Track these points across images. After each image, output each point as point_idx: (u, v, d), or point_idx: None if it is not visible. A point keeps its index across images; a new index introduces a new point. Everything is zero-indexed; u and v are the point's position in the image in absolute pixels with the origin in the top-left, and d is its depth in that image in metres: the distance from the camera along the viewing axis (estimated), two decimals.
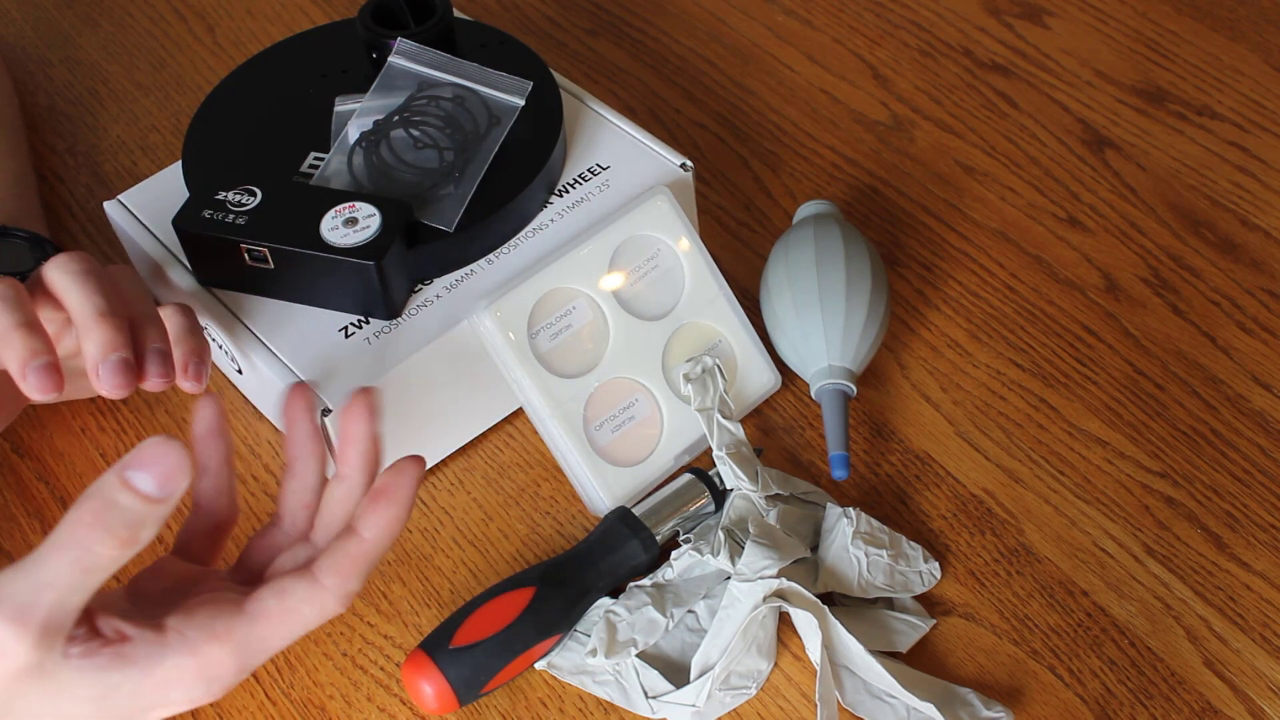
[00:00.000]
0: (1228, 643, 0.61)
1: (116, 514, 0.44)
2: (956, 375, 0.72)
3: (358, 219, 0.65)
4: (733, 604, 0.59)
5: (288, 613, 0.48)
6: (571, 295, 0.66)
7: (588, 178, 0.72)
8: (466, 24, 0.79)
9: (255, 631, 0.48)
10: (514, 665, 0.59)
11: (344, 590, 0.49)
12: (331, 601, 0.48)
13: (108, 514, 0.44)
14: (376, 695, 0.61)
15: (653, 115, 0.88)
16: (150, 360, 0.58)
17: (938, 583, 0.63)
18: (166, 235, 0.71)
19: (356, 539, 0.49)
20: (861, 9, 0.94)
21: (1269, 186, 0.80)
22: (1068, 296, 0.75)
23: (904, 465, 0.68)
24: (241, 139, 0.73)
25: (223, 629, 0.48)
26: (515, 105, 0.71)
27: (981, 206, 0.80)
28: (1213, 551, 0.64)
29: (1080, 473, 0.67)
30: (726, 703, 0.59)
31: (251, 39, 0.95)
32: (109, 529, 0.44)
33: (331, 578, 0.48)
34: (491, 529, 0.67)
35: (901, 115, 0.86)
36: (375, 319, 0.66)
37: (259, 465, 0.70)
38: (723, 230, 0.80)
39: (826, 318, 0.68)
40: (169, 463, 0.44)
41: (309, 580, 0.48)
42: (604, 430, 0.66)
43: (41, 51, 0.96)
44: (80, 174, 0.87)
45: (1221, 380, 0.71)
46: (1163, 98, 0.86)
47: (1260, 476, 0.66)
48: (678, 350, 0.68)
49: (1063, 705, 0.59)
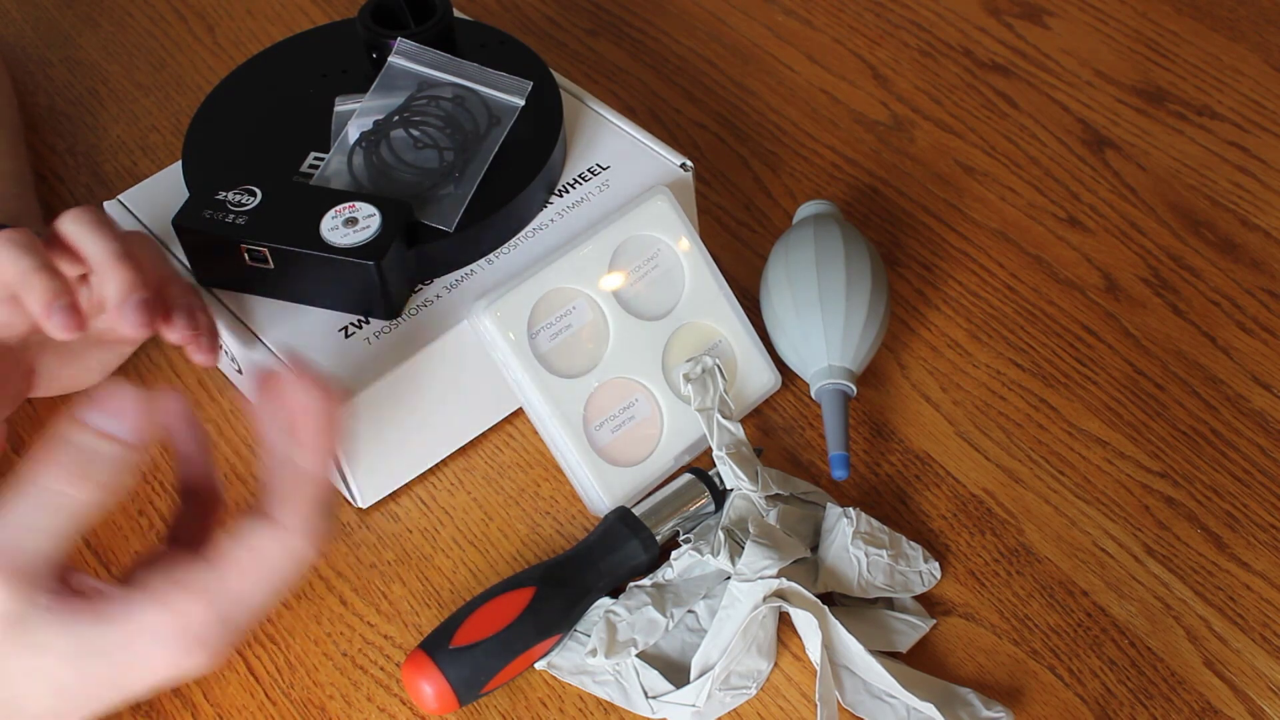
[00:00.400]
0: (1228, 643, 0.61)
1: (73, 453, 0.44)
2: (956, 375, 0.72)
3: (358, 219, 0.65)
4: (733, 604, 0.59)
5: (252, 555, 0.47)
6: (571, 295, 0.66)
7: (588, 178, 0.72)
8: (466, 24, 0.79)
9: (223, 580, 0.47)
10: (514, 665, 0.59)
11: (305, 525, 0.47)
12: (295, 538, 0.47)
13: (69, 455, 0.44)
14: (376, 695, 0.61)
15: (653, 115, 0.88)
16: (178, 312, 0.59)
17: (938, 583, 0.63)
18: (166, 235, 0.71)
19: (293, 470, 0.48)
20: (861, 9, 0.94)
21: (1269, 186, 0.80)
22: (1068, 296, 0.75)
23: (904, 465, 0.68)
24: (241, 139, 0.73)
25: (190, 580, 0.47)
26: (515, 105, 0.71)
27: (981, 206, 0.80)
28: (1213, 551, 0.64)
29: (1080, 473, 0.67)
30: (726, 703, 0.59)
31: (251, 39, 0.95)
32: (71, 470, 0.44)
33: (288, 514, 0.47)
34: (491, 529, 0.67)
35: (901, 115, 0.86)
36: (375, 319, 0.66)
37: (259, 465, 0.70)
38: (723, 230, 0.80)
39: (826, 318, 0.68)
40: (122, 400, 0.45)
41: (264, 518, 0.47)
42: (604, 430, 0.66)
43: (41, 51, 0.96)
44: (80, 174, 0.87)
45: (1221, 380, 0.71)
46: (1163, 98, 0.86)
47: (1260, 476, 0.66)
48: (678, 350, 0.68)
49: (1063, 705, 0.59)
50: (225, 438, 0.71)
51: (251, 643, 0.63)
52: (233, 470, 0.70)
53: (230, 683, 0.62)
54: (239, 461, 0.70)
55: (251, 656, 0.63)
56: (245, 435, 0.71)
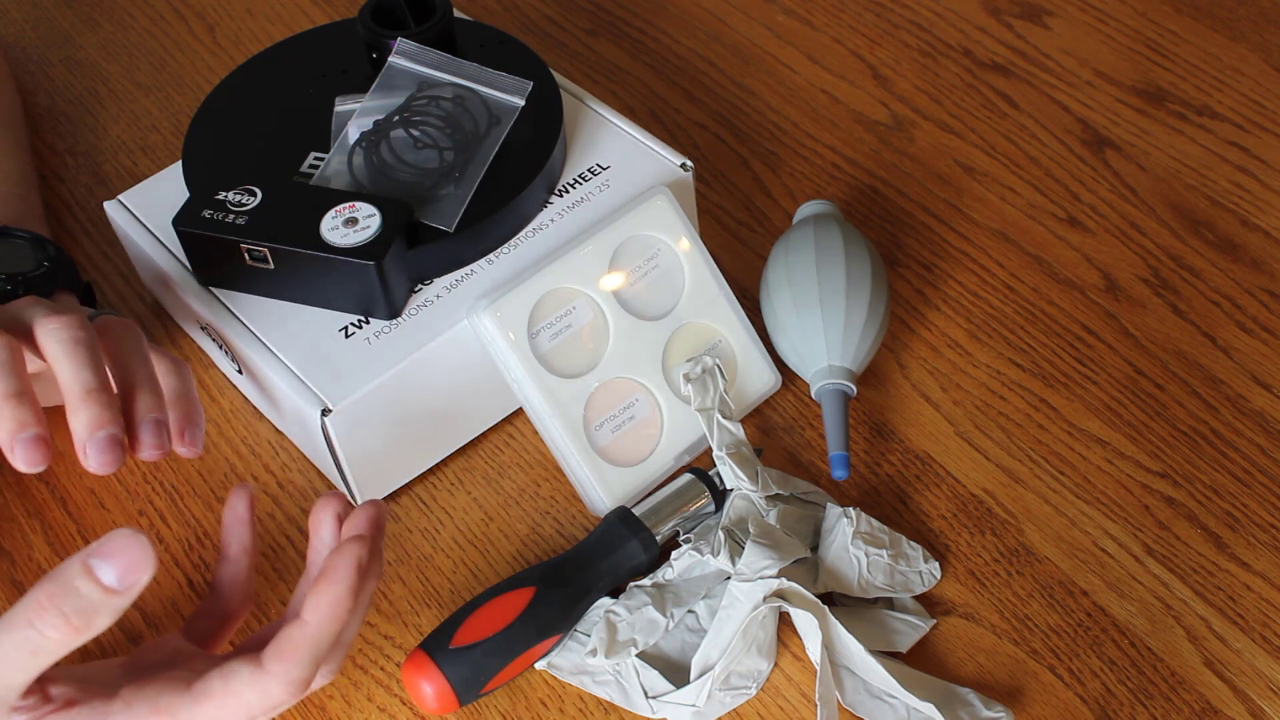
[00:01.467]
0: (1228, 643, 0.61)
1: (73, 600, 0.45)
2: (956, 375, 0.72)
3: (358, 219, 0.65)
4: (733, 604, 0.59)
5: (230, 695, 0.48)
6: (571, 295, 0.66)
7: (588, 178, 0.72)
8: (466, 24, 0.79)
9: (197, 710, 0.49)
10: (514, 665, 0.59)
11: (289, 676, 0.48)
12: (276, 687, 0.48)
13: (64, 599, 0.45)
14: (376, 695, 0.61)
15: (653, 115, 0.88)
16: (144, 431, 0.56)
17: (938, 583, 0.63)
18: (166, 235, 0.71)
19: (300, 623, 0.48)
20: (861, 9, 0.94)
21: (1269, 186, 0.80)
22: (1068, 296, 0.75)
23: (904, 465, 0.68)
24: (241, 139, 0.73)
25: (166, 704, 0.49)
26: (515, 105, 0.71)
27: (981, 206, 0.80)
28: (1213, 551, 0.64)
29: (1080, 473, 0.67)
30: (726, 703, 0.59)
31: (251, 39, 0.95)
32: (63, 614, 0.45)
33: (275, 663, 0.48)
34: (491, 529, 0.67)
35: (901, 115, 0.86)
36: (375, 319, 0.66)
37: (259, 465, 0.70)
38: (723, 230, 0.80)
39: (826, 318, 0.68)
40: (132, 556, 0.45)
41: (254, 665, 0.48)
42: (604, 430, 0.66)
43: (41, 51, 0.96)
44: (80, 174, 0.87)
45: (1221, 380, 0.71)
46: (1163, 98, 0.86)
47: (1260, 476, 0.66)
48: (678, 350, 0.68)
49: (1063, 705, 0.59)
50: (225, 437, 0.71)
51: None
52: (232, 470, 0.70)
53: None
54: (239, 461, 0.70)
55: None
56: (245, 435, 0.71)
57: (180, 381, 0.60)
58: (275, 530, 0.67)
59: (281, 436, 0.71)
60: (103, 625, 0.45)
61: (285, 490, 0.69)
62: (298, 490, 0.69)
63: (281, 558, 0.66)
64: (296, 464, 0.70)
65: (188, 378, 0.61)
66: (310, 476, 0.69)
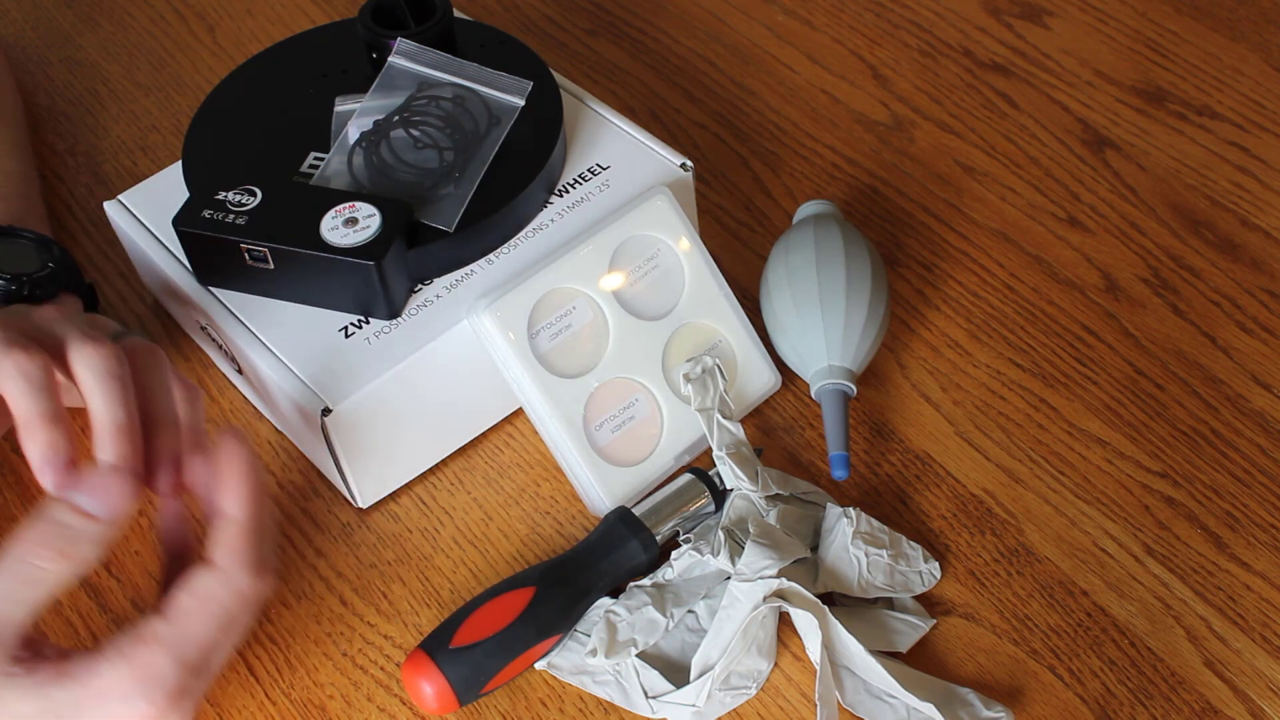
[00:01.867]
0: (1228, 643, 0.61)
1: (56, 529, 0.48)
2: (956, 375, 0.72)
3: (358, 219, 0.65)
4: (733, 604, 0.59)
5: (201, 601, 0.51)
6: (571, 295, 0.66)
7: (588, 178, 0.72)
8: (466, 24, 0.79)
9: (177, 627, 0.50)
10: (514, 665, 0.59)
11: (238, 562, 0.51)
12: (240, 575, 0.51)
13: (49, 530, 0.48)
14: (376, 695, 0.61)
15: (653, 115, 0.88)
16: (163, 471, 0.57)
17: (938, 583, 0.63)
18: (166, 235, 0.71)
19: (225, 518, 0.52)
20: (861, 9, 0.94)
21: (1269, 186, 0.80)
22: (1068, 296, 0.75)
23: (904, 465, 0.68)
24: (241, 139, 0.73)
25: (147, 632, 0.50)
26: (515, 105, 0.71)
27: (981, 206, 0.80)
28: (1213, 551, 0.64)
29: (1080, 473, 0.67)
30: (726, 703, 0.59)
31: (251, 39, 0.95)
32: (49, 543, 0.48)
33: (223, 556, 0.51)
34: (491, 529, 0.67)
35: (901, 115, 0.86)
36: (375, 319, 0.66)
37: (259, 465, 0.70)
38: (723, 230, 0.80)
39: (826, 318, 0.68)
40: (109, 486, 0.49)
41: (207, 566, 0.51)
42: (604, 430, 0.66)
43: (41, 51, 0.96)
44: (80, 174, 0.87)
45: (1221, 380, 0.71)
46: (1163, 98, 0.86)
47: (1260, 476, 0.66)
48: (678, 350, 0.68)
49: (1063, 705, 0.59)
50: None
51: (251, 643, 0.63)
52: None
53: (230, 683, 0.62)
54: None
55: (251, 656, 0.63)
56: (245, 435, 0.71)
57: (193, 412, 0.60)
58: (275, 530, 0.67)
59: (281, 436, 0.71)
60: (90, 554, 0.49)
61: (285, 490, 0.69)
62: (297, 490, 0.69)
63: (280, 558, 0.66)
64: (296, 464, 0.70)
65: (199, 408, 0.61)
66: (310, 476, 0.69)
